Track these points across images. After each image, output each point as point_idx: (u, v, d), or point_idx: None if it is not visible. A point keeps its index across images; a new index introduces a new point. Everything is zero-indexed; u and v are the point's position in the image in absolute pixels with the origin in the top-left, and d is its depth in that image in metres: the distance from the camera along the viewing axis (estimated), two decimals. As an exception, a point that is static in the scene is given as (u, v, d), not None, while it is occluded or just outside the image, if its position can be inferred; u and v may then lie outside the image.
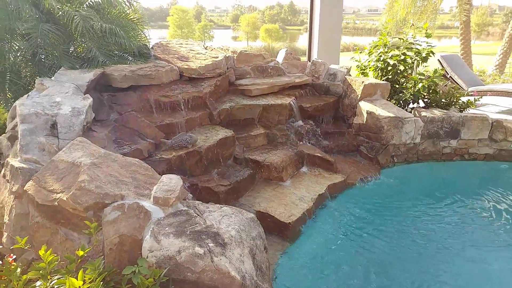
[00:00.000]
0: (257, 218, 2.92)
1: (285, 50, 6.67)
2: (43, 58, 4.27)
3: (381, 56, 6.27)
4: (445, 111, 5.53)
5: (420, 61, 6.00)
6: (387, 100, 5.69)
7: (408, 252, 3.56)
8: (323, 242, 3.71)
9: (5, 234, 2.93)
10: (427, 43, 5.98)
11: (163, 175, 2.85)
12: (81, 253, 2.14)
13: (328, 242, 3.71)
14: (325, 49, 8.41)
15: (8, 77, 4.17)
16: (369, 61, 6.57)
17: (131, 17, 5.00)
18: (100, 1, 4.44)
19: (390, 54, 6.14)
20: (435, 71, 5.76)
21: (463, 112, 5.79)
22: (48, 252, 2.06)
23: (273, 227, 3.76)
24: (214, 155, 4.25)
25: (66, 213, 2.58)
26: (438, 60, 8.56)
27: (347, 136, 5.65)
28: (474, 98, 6.04)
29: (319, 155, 4.93)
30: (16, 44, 4.27)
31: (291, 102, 5.29)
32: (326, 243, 3.69)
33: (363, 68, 6.68)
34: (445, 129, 5.34)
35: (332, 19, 8.39)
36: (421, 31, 6.23)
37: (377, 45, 6.38)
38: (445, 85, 6.17)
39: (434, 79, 5.63)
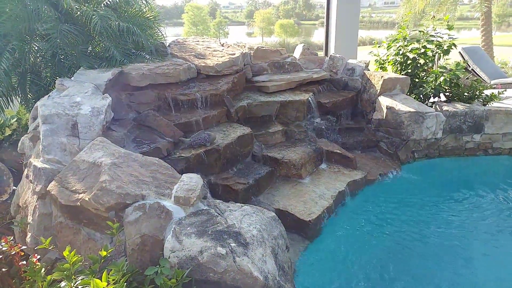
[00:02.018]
0: (277, 216, 2.90)
1: (302, 45, 6.60)
2: (62, 59, 4.31)
3: (400, 49, 6.13)
4: (467, 105, 5.38)
5: (442, 54, 5.84)
6: (407, 94, 5.57)
7: (430, 250, 3.48)
8: (343, 239, 3.66)
9: (29, 234, 2.96)
10: (448, 35, 5.82)
11: (183, 174, 2.84)
12: (104, 253, 2.15)
13: (349, 240, 3.66)
14: (342, 43, 8.29)
15: (29, 78, 4.23)
16: (387, 55, 6.44)
17: (148, 15, 5.01)
18: (117, 0, 4.45)
19: (409, 48, 6.00)
20: (458, 64, 5.60)
21: (487, 105, 5.62)
22: (72, 252, 2.07)
23: (293, 225, 3.73)
24: (232, 152, 4.23)
25: (88, 213, 2.60)
26: (459, 52, 8.35)
27: (366, 131, 5.57)
28: (498, 91, 5.86)
29: (338, 151, 4.86)
30: (35, 45, 4.31)
31: (309, 98, 5.23)
32: (346, 241, 3.64)
33: (382, 62, 6.55)
34: (468, 123, 5.20)
35: (349, 13, 8.27)
36: (442, 23, 6.07)
37: (396, 39, 6.24)
38: (467, 78, 6.01)
39: (456, 72, 5.48)
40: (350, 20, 8.33)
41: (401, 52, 6.11)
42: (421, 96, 5.85)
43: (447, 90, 5.79)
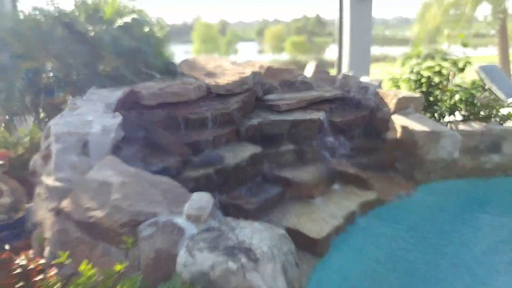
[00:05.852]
0: (287, 234, 2.85)
1: (313, 63, 6.60)
2: (75, 78, 4.38)
3: (414, 67, 6.08)
4: (484, 124, 5.26)
5: (457, 72, 5.77)
6: (421, 113, 5.49)
7: (443, 274, 3.35)
8: (353, 259, 3.57)
9: (47, 249, 2.96)
10: (463, 53, 5.76)
11: (193, 193, 2.85)
12: (118, 268, 2.17)
13: (359, 260, 3.56)
14: (355, 61, 8.29)
15: (42, 98, 4.29)
16: (401, 74, 6.39)
17: (158, 35, 5.07)
18: (129, 21, 4.52)
19: (424, 66, 5.95)
20: (473, 83, 5.52)
21: (504, 124, 5.49)
22: (89, 266, 2.09)
23: (302, 243, 3.62)
24: (242, 172, 4.19)
25: (103, 229, 2.63)
26: (475, 71, 8.25)
27: (380, 151, 5.44)
28: (516, 110, 5.75)
29: (350, 171, 4.78)
30: (49, 65, 4.40)
31: (321, 117, 5.16)
32: (356, 261, 3.54)
33: (396, 80, 6.50)
34: (485, 143, 5.07)
35: (362, 30, 8.28)
36: (457, 40, 6.03)
37: (410, 57, 6.20)
38: (484, 97, 5.91)
39: (472, 91, 5.38)
40: (363, 37, 8.34)
41: (415, 70, 6.06)
42: (435, 115, 5.76)
43: (463, 109, 5.69)
